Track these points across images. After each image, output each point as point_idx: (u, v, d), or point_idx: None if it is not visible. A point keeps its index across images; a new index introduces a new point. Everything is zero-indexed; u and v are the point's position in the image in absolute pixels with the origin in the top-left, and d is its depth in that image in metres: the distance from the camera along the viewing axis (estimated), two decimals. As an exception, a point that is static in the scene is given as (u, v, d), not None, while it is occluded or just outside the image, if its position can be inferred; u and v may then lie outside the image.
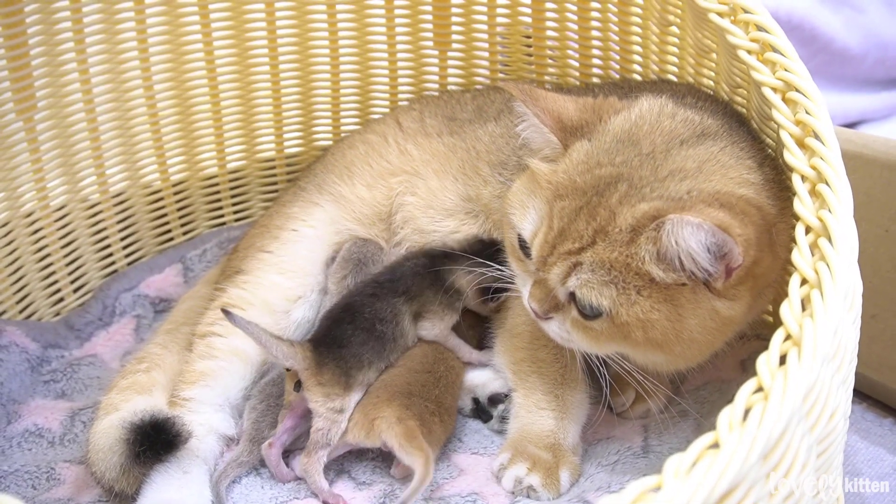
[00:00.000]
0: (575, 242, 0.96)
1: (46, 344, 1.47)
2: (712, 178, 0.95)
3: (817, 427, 0.77)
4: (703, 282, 0.93)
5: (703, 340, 0.97)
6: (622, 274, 0.93)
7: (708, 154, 0.98)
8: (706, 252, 0.89)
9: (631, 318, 0.94)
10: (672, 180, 0.95)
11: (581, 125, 1.04)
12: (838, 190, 0.85)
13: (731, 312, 0.96)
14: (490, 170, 1.34)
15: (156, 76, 1.59)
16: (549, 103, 1.04)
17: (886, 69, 1.93)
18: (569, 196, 0.98)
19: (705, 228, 0.87)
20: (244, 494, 1.16)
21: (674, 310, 0.93)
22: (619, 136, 1.01)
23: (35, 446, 1.27)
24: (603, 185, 0.96)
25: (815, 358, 0.73)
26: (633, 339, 0.96)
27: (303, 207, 1.45)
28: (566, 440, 1.16)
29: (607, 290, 0.94)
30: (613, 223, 0.94)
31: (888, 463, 1.21)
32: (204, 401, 1.22)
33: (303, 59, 1.70)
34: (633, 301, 0.93)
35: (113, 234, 1.66)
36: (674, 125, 1.02)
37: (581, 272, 0.95)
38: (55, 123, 1.49)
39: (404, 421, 1.13)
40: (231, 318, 1.16)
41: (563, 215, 0.97)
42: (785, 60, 0.98)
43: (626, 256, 0.93)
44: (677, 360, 1.03)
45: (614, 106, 1.06)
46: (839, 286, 0.78)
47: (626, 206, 0.94)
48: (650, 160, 0.97)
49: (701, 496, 0.65)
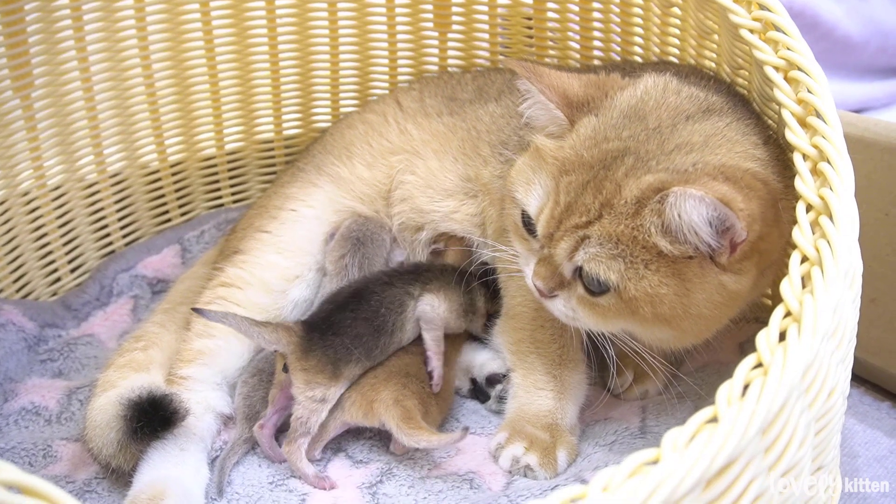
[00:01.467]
0: (582, 216, 0.95)
1: (44, 323, 1.46)
2: (718, 152, 0.95)
3: (816, 404, 0.77)
4: (708, 256, 0.93)
5: (710, 315, 0.97)
6: (629, 247, 0.93)
7: (714, 129, 0.98)
8: (708, 226, 0.89)
9: (639, 293, 0.93)
10: (678, 153, 0.94)
11: (587, 101, 1.03)
12: (840, 168, 0.85)
13: (738, 286, 0.96)
14: (490, 150, 1.33)
15: (154, 55, 1.58)
16: (554, 80, 1.04)
17: (888, 57, 1.93)
18: (575, 171, 0.97)
19: (707, 202, 0.86)
20: (241, 473, 1.16)
21: (681, 284, 0.93)
22: (625, 112, 1.01)
23: (32, 424, 1.27)
24: (610, 159, 0.96)
25: (815, 334, 0.73)
26: (641, 314, 0.95)
27: (301, 188, 1.44)
28: (564, 420, 1.16)
29: (615, 264, 0.93)
30: (619, 196, 0.93)
31: (885, 445, 1.21)
32: (201, 379, 1.22)
33: (302, 41, 1.69)
34: (641, 275, 0.93)
35: (110, 215, 1.65)
36: (679, 101, 1.01)
37: (589, 246, 0.95)
38: (52, 102, 1.48)
39: (402, 402, 1.13)
40: (205, 314, 1.16)
41: (569, 190, 0.97)
42: (787, 39, 0.97)
43: (632, 229, 0.92)
44: (684, 335, 1.02)
45: (619, 83, 1.06)
46: (840, 263, 0.78)
47: (632, 178, 0.93)
48: (657, 134, 0.97)
49: (699, 469, 0.65)
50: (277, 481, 1.14)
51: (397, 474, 1.15)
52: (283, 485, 1.13)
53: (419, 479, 1.13)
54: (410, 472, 1.15)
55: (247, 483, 1.14)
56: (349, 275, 1.33)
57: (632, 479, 0.64)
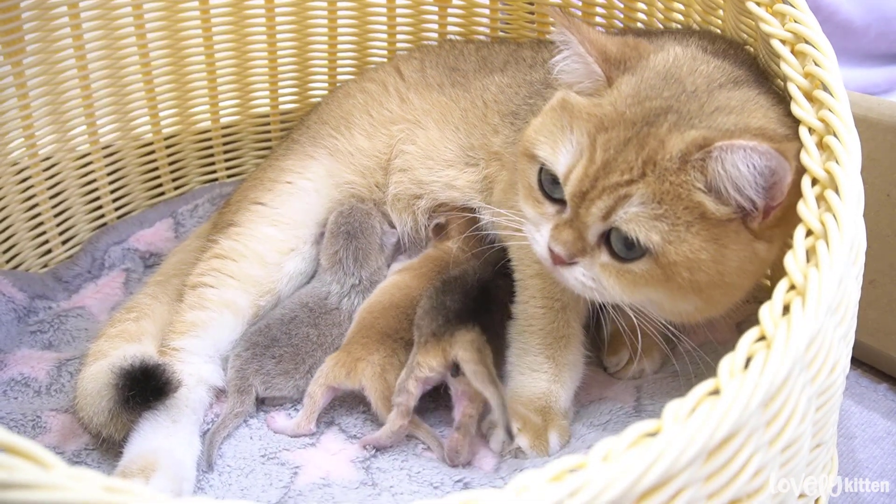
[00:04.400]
0: (624, 174, 0.91)
1: (34, 294, 1.45)
2: (755, 115, 0.93)
3: (818, 378, 0.76)
4: (741, 221, 0.90)
5: (738, 284, 0.94)
6: (673, 207, 0.89)
7: (748, 96, 0.96)
8: (757, 178, 0.86)
9: (679, 258, 0.89)
10: (719, 114, 0.92)
11: (624, 59, 1.00)
12: (847, 142, 0.83)
13: (768, 255, 0.93)
14: (500, 119, 1.31)
15: (149, 24, 1.55)
16: (593, 35, 1.01)
17: (889, 43, 1.91)
18: (616, 127, 0.93)
19: (760, 150, 0.84)
20: (233, 446, 1.15)
21: (719, 249, 0.90)
22: (662, 74, 0.98)
23: (21, 395, 1.25)
24: (653, 116, 0.93)
25: (820, 307, 0.72)
26: (677, 281, 0.91)
27: (297, 160, 1.43)
28: (558, 404, 1.15)
29: (659, 225, 0.89)
30: (663, 151, 0.90)
31: (881, 427, 1.21)
32: (194, 351, 1.20)
33: (300, 13, 1.67)
34: (682, 238, 0.89)
35: (103, 187, 1.63)
36: (710, 69, 0.99)
37: (630, 205, 0.90)
38: (44, 70, 1.45)
39: (385, 375, 1.13)
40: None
41: (608, 146, 0.93)
42: (795, 12, 0.95)
43: (676, 186, 0.89)
44: (710, 306, 0.98)
45: (649, 47, 1.03)
46: (845, 237, 0.77)
47: (676, 133, 0.90)
48: (695, 97, 0.94)
49: (700, 441, 0.64)
50: (270, 454, 1.13)
51: (390, 448, 1.14)
52: (276, 458, 1.12)
53: (413, 455, 1.13)
54: (404, 446, 1.14)
55: (238, 456, 1.13)
56: (345, 268, 1.32)
57: (632, 449, 0.63)
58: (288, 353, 1.21)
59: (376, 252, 1.35)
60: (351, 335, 1.22)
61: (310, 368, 1.20)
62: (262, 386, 1.19)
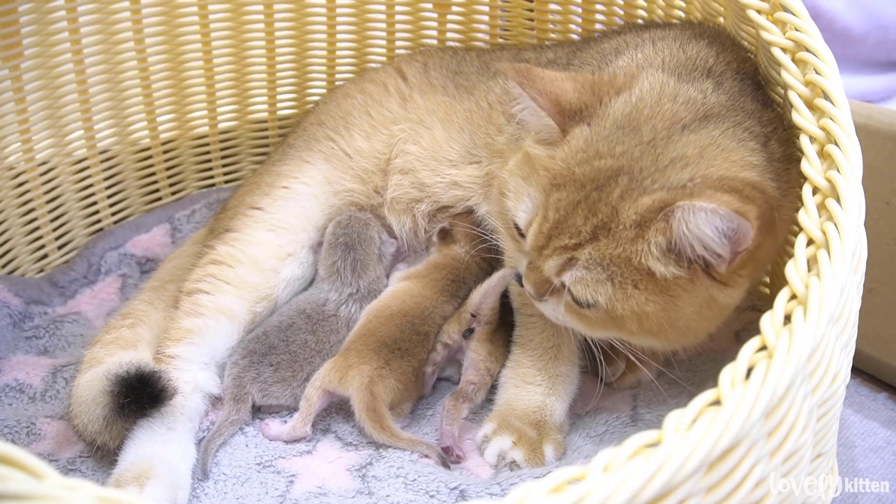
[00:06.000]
0: (571, 238, 0.92)
1: (29, 300, 1.44)
2: (714, 164, 0.91)
3: (819, 389, 0.75)
4: (702, 270, 0.90)
5: (698, 326, 0.96)
6: (620, 269, 0.90)
7: (709, 139, 0.94)
8: (721, 237, 0.85)
9: (626, 312, 0.92)
10: (673, 169, 0.91)
11: (580, 108, 0.99)
12: (848, 150, 0.83)
13: (729, 300, 0.94)
14: (506, 119, 1.30)
15: (147, 29, 1.55)
16: (547, 84, 0.99)
17: (887, 51, 1.91)
18: (566, 187, 0.93)
19: (721, 213, 0.83)
20: (229, 454, 1.14)
21: (670, 300, 0.91)
22: (619, 122, 0.96)
23: (15, 401, 1.24)
24: (603, 179, 0.92)
25: (822, 317, 0.71)
26: (628, 329, 0.94)
27: (294, 165, 1.42)
28: (553, 418, 1.14)
29: (602, 287, 0.91)
30: (616, 219, 0.90)
31: (881, 436, 1.20)
32: (190, 358, 1.19)
33: (298, 19, 1.66)
34: (628, 295, 0.91)
35: (100, 192, 1.62)
36: (675, 108, 0.97)
37: (576, 269, 0.92)
38: (42, 74, 1.45)
39: (372, 387, 1.13)
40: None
41: (559, 207, 0.93)
42: (796, 20, 0.95)
43: (629, 252, 0.90)
44: (673, 343, 1.02)
45: (614, 84, 1.01)
46: (847, 246, 0.76)
47: (629, 200, 0.90)
48: (651, 149, 0.93)
49: (701, 452, 0.63)
50: (265, 462, 1.12)
51: (387, 456, 1.13)
52: (272, 466, 1.11)
53: (409, 462, 1.12)
54: (400, 454, 1.13)
55: (234, 464, 1.12)
56: (342, 278, 1.31)
57: (632, 460, 0.62)
58: (285, 361, 1.20)
59: (375, 263, 1.34)
60: (352, 339, 1.21)
61: (307, 376, 1.19)
62: (260, 394, 1.18)
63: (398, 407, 1.18)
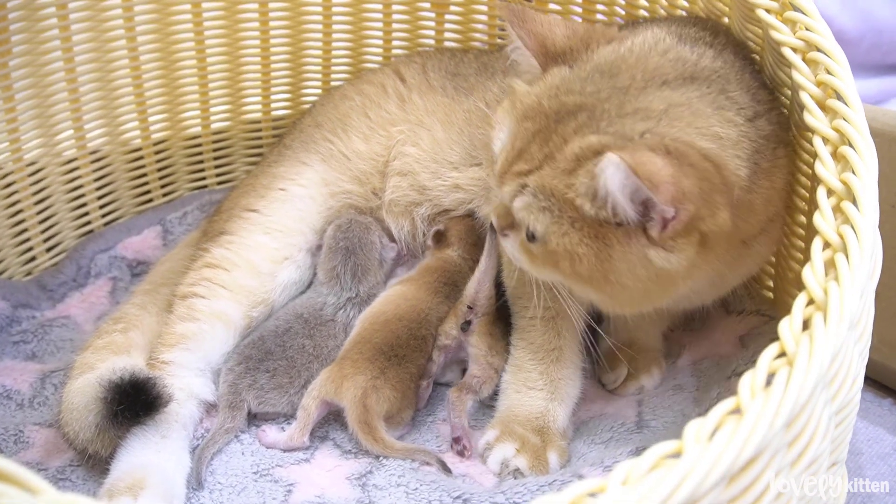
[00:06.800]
0: (526, 164, 0.94)
1: (17, 303, 1.41)
2: (675, 124, 0.89)
3: (839, 396, 0.73)
4: (640, 227, 0.89)
5: (634, 287, 0.92)
6: (559, 203, 0.91)
7: (684, 99, 0.92)
8: (624, 196, 0.84)
9: (559, 248, 0.92)
10: (632, 119, 0.90)
11: (565, 51, 1.00)
12: (863, 151, 0.82)
13: (667, 265, 0.90)
14: None
15: (139, 27, 1.51)
16: (537, 27, 1.01)
17: (882, 54, 1.91)
18: (532, 118, 0.96)
19: (622, 170, 0.82)
20: (224, 462, 1.11)
21: (604, 249, 0.90)
22: (600, 67, 0.97)
23: (3, 408, 1.21)
24: (564, 112, 0.93)
25: (842, 322, 0.69)
26: (562, 269, 0.94)
27: (290, 166, 1.39)
28: (556, 423, 1.13)
29: (543, 217, 0.92)
30: (562, 151, 0.91)
31: (888, 443, 1.19)
32: (184, 364, 1.16)
33: (294, 18, 1.63)
34: (564, 231, 0.91)
35: (89, 193, 1.59)
36: (661, 63, 0.96)
37: (525, 194, 0.94)
38: (31, 72, 1.41)
39: (366, 400, 1.11)
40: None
41: (524, 136, 0.96)
42: (806, 19, 0.94)
43: (565, 186, 0.90)
44: (611, 301, 0.99)
45: (608, 35, 1.02)
46: (865, 250, 0.75)
47: (579, 136, 0.91)
48: (621, 94, 0.92)
49: (724, 463, 0.61)
50: (262, 471, 1.09)
51: (387, 465, 1.10)
52: (269, 474, 1.08)
53: (410, 470, 1.09)
54: (401, 462, 1.11)
55: (230, 473, 1.09)
56: (342, 283, 1.29)
57: (653, 472, 0.60)
58: (282, 367, 1.17)
59: (376, 268, 1.33)
60: (348, 347, 1.19)
61: (305, 382, 1.17)
62: (256, 401, 1.15)
63: (397, 416, 1.16)
